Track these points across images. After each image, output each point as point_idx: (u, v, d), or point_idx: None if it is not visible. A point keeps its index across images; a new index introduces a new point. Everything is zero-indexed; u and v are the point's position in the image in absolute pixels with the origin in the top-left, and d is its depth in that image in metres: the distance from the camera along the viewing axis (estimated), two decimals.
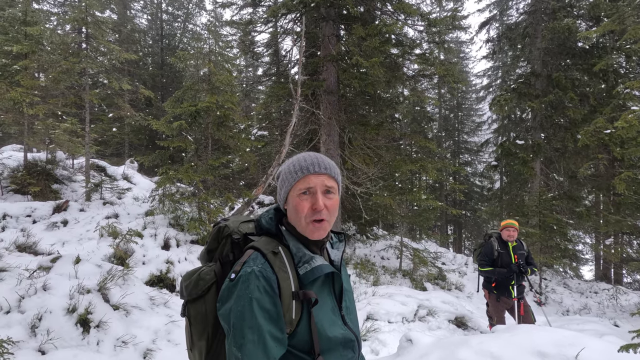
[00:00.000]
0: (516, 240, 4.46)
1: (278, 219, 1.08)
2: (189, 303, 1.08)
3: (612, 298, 9.15)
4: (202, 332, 1.04)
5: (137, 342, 3.19)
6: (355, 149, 9.14)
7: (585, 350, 2.45)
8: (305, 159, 1.04)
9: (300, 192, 1.00)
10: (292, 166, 1.04)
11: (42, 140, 8.83)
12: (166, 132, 6.89)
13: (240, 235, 1.08)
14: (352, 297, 1.15)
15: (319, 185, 1.01)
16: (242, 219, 1.16)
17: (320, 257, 1.02)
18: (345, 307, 1.07)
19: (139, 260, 5.03)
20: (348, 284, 1.14)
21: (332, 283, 1.06)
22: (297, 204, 1.00)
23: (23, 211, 6.72)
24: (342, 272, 1.11)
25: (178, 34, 21.59)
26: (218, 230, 1.12)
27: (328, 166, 1.04)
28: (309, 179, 1.01)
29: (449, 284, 8.93)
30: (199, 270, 1.10)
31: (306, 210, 0.99)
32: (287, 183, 1.03)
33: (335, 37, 9.17)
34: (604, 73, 9.93)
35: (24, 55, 8.12)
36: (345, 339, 1.01)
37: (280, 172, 1.07)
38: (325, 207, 1.00)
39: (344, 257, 1.16)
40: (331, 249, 1.14)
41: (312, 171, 1.01)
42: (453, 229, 24.01)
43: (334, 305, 1.04)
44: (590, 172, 11.00)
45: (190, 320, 1.08)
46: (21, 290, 3.18)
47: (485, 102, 23.36)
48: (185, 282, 1.10)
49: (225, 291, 0.95)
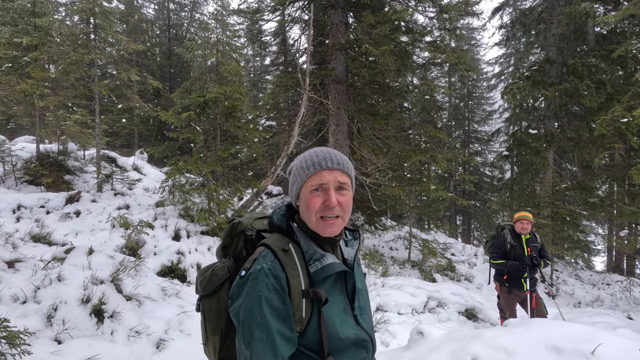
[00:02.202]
0: (529, 233, 4.38)
1: (289, 216, 1.06)
2: (203, 298, 1.10)
3: (625, 290, 9.02)
4: (216, 328, 1.06)
5: (150, 332, 3.23)
6: (364, 139, 9.05)
7: (602, 347, 2.40)
8: (317, 154, 1.01)
9: (312, 189, 0.98)
10: (304, 162, 1.00)
11: (53, 132, 8.92)
12: (175, 123, 6.89)
13: (254, 231, 1.08)
14: (367, 297, 1.12)
15: (331, 181, 0.98)
16: (257, 215, 1.16)
17: (332, 255, 1.00)
18: (358, 306, 1.04)
19: (150, 251, 5.08)
20: (362, 284, 1.11)
21: (345, 282, 1.03)
22: (309, 201, 0.98)
23: (37, 202, 6.83)
24: (355, 270, 1.08)
25: (185, 24, 21.47)
26: (232, 227, 1.13)
27: (341, 161, 1.00)
28: (322, 175, 0.98)
29: (458, 275, 8.89)
30: (213, 266, 1.11)
31: (318, 206, 0.96)
32: (299, 179, 1.00)
33: (344, 24, 9.01)
34: (622, 59, 9.59)
35: (34, 47, 8.15)
36: (358, 339, 0.99)
37: (292, 167, 1.04)
38: (338, 204, 0.97)
39: (358, 255, 1.13)
40: (345, 247, 1.11)
41: (325, 167, 0.98)
42: (462, 220, 23.85)
43: (346, 305, 1.01)
44: (604, 162, 10.75)
45: (205, 316, 1.09)
46: (36, 281, 3.24)
47: (496, 90, 22.84)
48: (200, 277, 1.12)
49: (235, 288, 0.95)
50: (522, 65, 16.78)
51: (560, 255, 10.96)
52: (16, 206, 6.58)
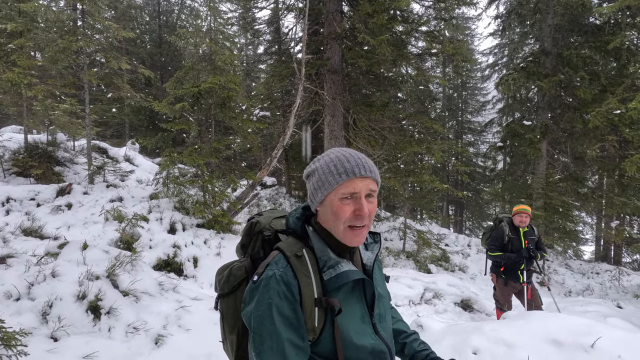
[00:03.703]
0: (527, 226, 4.41)
1: (305, 219, 1.02)
2: (221, 297, 1.10)
3: (615, 279, 9.22)
4: (233, 327, 1.05)
5: (148, 328, 3.19)
6: (360, 131, 8.99)
7: (601, 339, 2.43)
8: (348, 159, 0.94)
9: (343, 197, 0.92)
10: (334, 167, 0.94)
11: (41, 122, 8.69)
12: (168, 113, 6.75)
13: (272, 232, 1.07)
14: (388, 304, 1.08)
15: (364, 190, 0.93)
16: (276, 214, 1.13)
17: (348, 262, 0.96)
18: (377, 314, 1.00)
19: (146, 244, 5.01)
20: (384, 289, 1.08)
21: (363, 289, 0.99)
22: (338, 209, 0.92)
23: (27, 194, 6.68)
24: (376, 275, 1.05)
25: (176, 10, 20.93)
26: (250, 226, 1.11)
27: (372, 169, 0.96)
28: (355, 183, 0.92)
29: (453, 266, 8.99)
30: (231, 265, 1.10)
31: (348, 215, 0.92)
32: (328, 185, 0.94)
33: (340, 13, 8.85)
34: (617, 51, 9.62)
35: (19, 33, 7.86)
36: (375, 349, 0.94)
37: (316, 170, 0.98)
38: (368, 213, 0.93)
39: (378, 259, 1.09)
40: (364, 251, 1.07)
41: (359, 174, 0.92)
42: (455, 210, 24.07)
43: (364, 313, 0.97)
44: (596, 154, 10.88)
45: (223, 314, 1.09)
46: (30, 277, 3.16)
47: (490, 81, 22.82)
48: (218, 276, 1.12)
49: (247, 293, 0.93)
50: (516, 56, 16.75)
51: (551, 245, 11.13)
52: (5, 199, 6.42)
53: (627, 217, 12.28)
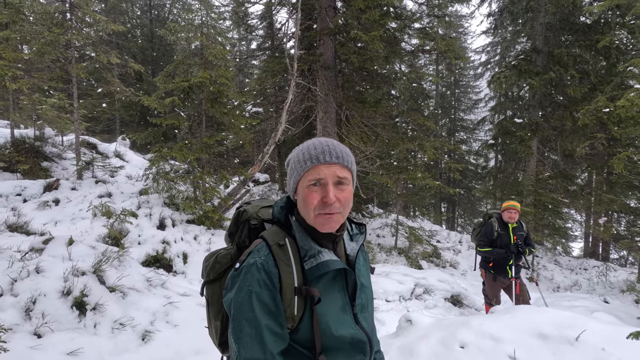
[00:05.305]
0: (516, 222, 4.45)
1: (289, 208, 1.02)
2: (207, 284, 1.13)
3: (602, 275, 9.37)
4: (218, 313, 1.08)
5: (135, 324, 3.15)
6: (353, 127, 8.97)
7: (586, 333, 2.46)
8: (315, 146, 0.95)
9: (309, 184, 0.93)
10: (302, 154, 0.95)
11: (29, 116, 8.53)
12: (158, 108, 6.66)
13: (259, 221, 1.07)
14: (370, 294, 1.08)
15: (330, 176, 0.92)
16: (264, 203, 1.14)
17: (329, 252, 0.96)
18: (359, 304, 1.00)
19: (134, 240, 4.95)
20: (367, 280, 1.07)
21: (345, 279, 0.99)
22: (306, 196, 0.93)
23: (13, 190, 6.56)
24: (360, 266, 1.05)
25: (167, 4, 20.65)
26: (238, 215, 1.13)
27: (340, 155, 0.94)
28: (319, 170, 0.92)
29: (444, 262, 9.05)
30: (217, 253, 1.13)
31: (315, 202, 0.92)
32: (296, 173, 0.95)
33: (333, 9, 8.80)
34: (606, 50, 9.73)
35: (4, 25, 7.68)
36: (354, 339, 0.95)
37: (289, 159, 0.99)
38: (337, 200, 0.92)
39: (363, 250, 1.10)
40: (349, 242, 1.07)
41: (323, 160, 0.92)
42: (447, 207, 24.24)
43: (345, 303, 0.97)
44: (585, 151, 11.01)
45: (208, 301, 1.13)
46: (13, 273, 3.10)
47: (483, 79, 22.98)
48: (205, 263, 1.15)
49: (229, 280, 0.94)
50: (508, 54, 16.87)
51: (540, 241, 11.27)
52: None
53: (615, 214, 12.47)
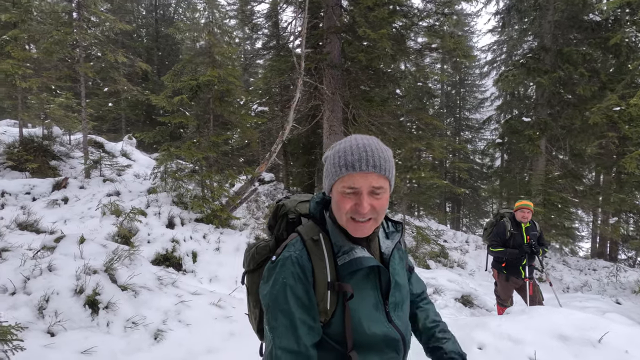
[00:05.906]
0: (529, 221, 4.38)
1: (324, 204, 1.02)
2: (247, 273, 1.18)
3: (612, 275, 9.26)
4: (257, 301, 1.12)
5: (147, 322, 3.14)
6: (360, 126, 8.92)
7: (608, 335, 2.40)
8: (352, 151, 0.89)
9: (343, 190, 0.90)
10: (338, 158, 0.91)
11: (37, 115, 8.56)
12: (166, 107, 6.65)
13: (296, 215, 1.09)
14: (406, 293, 1.05)
15: (365, 186, 0.88)
16: (302, 198, 1.14)
17: (362, 249, 0.94)
18: (392, 303, 0.99)
19: (144, 239, 4.95)
20: (402, 278, 1.05)
21: (379, 276, 0.97)
22: (339, 201, 0.91)
23: (22, 188, 6.58)
24: (393, 265, 1.02)
25: (173, 4, 20.70)
26: (276, 208, 1.14)
27: (378, 163, 0.89)
28: (354, 179, 0.88)
29: (451, 262, 8.99)
30: (257, 244, 1.17)
31: (348, 207, 0.90)
32: (331, 176, 0.93)
33: (340, 7, 8.76)
34: (617, 48, 9.60)
35: (13, 24, 7.71)
36: (387, 337, 0.94)
37: (327, 157, 0.97)
38: (371, 207, 0.89)
39: (400, 248, 1.08)
40: (385, 240, 1.05)
41: (359, 169, 0.88)
42: (452, 207, 24.11)
43: (378, 301, 0.96)
44: (594, 151, 10.88)
45: (248, 289, 1.18)
46: (26, 271, 3.09)
47: (489, 78, 22.78)
48: (246, 253, 1.20)
49: (266, 272, 0.96)
50: (514, 53, 16.72)
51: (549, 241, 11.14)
52: (0, 192, 6.32)
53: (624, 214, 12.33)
